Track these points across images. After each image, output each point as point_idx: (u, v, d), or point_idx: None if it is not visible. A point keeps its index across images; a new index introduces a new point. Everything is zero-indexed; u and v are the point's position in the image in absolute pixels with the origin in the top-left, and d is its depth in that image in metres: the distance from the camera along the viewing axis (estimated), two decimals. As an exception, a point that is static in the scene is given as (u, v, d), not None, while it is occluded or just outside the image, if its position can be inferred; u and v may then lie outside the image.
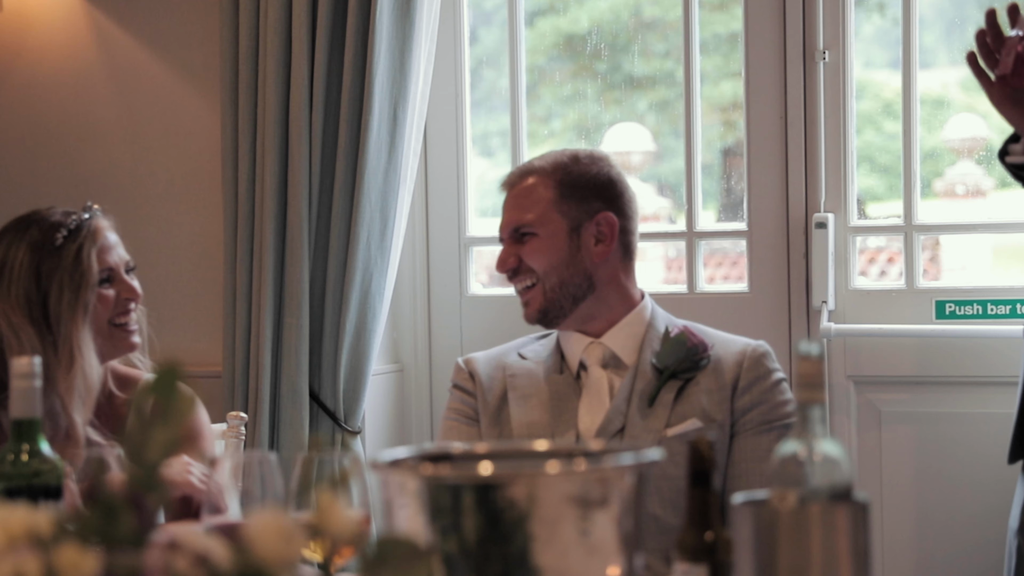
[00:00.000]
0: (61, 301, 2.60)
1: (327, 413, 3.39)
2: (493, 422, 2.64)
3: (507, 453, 1.65)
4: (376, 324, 3.39)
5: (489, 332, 3.52)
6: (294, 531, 1.22)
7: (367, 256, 3.36)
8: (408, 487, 1.48)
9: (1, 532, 1.18)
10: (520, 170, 2.71)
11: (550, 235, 2.63)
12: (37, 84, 3.79)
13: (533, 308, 2.65)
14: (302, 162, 3.35)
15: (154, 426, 1.29)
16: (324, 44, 3.35)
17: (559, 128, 3.78)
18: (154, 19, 3.68)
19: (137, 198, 3.71)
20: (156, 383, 1.29)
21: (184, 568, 1.21)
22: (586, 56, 3.72)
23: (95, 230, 2.68)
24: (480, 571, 1.45)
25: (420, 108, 3.42)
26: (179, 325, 3.67)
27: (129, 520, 1.23)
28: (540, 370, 2.65)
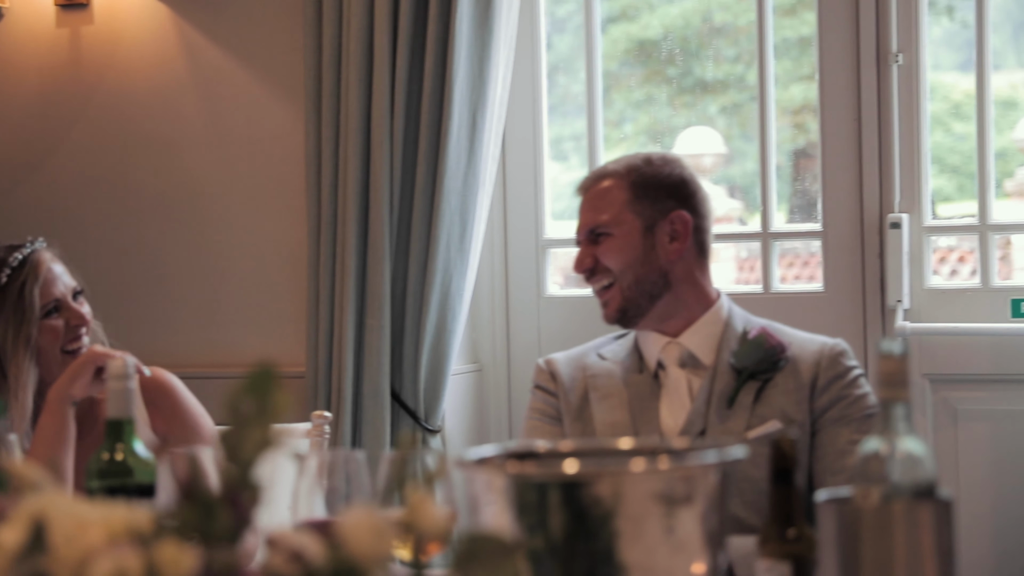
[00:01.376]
0: (6, 338, 2.66)
1: (408, 412, 3.43)
2: (575, 422, 2.66)
3: (591, 451, 1.67)
4: (456, 325, 3.42)
5: (566, 332, 3.54)
6: (386, 528, 1.24)
7: (447, 258, 3.39)
8: (495, 485, 1.49)
9: (102, 529, 1.20)
10: (594, 174, 2.73)
11: (625, 234, 2.64)
12: (126, 94, 3.85)
13: (612, 308, 2.66)
14: (383, 167, 3.39)
15: (249, 425, 1.32)
16: (405, 52, 3.38)
17: (631, 132, 3.80)
18: (240, 29, 3.74)
19: (223, 204, 3.77)
20: (250, 383, 1.31)
21: (279, 564, 1.23)
22: (658, 61, 3.73)
23: (36, 264, 2.72)
24: (566, 568, 1.47)
25: (499, 113, 3.45)
26: (263, 327, 3.72)
27: (226, 517, 1.26)
28: (619, 370, 2.66)
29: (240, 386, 1.28)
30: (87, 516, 1.21)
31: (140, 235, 3.86)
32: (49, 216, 3.93)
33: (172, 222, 3.82)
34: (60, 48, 3.89)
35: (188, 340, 3.80)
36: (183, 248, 3.81)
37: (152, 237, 3.85)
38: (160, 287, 3.84)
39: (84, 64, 3.87)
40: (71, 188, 3.92)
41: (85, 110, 3.89)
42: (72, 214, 3.91)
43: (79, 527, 1.20)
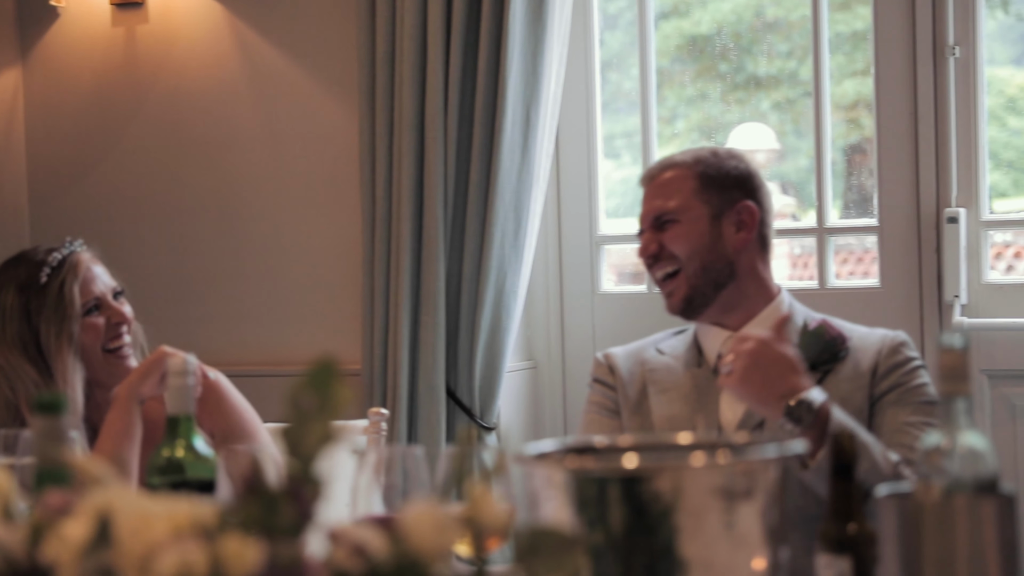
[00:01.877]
0: (50, 336, 2.68)
1: (463, 409, 3.43)
2: (634, 415, 2.66)
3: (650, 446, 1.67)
4: (510, 322, 3.43)
5: (620, 329, 3.54)
6: (448, 523, 1.25)
7: (501, 255, 3.40)
8: (554, 480, 1.49)
9: (166, 524, 1.21)
10: (660, 164, 2.73)
11: (692, 220, 2.65)
12: (181, 92, 3.88)
13: (678, 297, 2.65)
14: (437, 164, 3.40)
15: (311, 420, 1.32)
16: (458, 49, 3.39)
17: (683, 128, 3.79)
18: (294, 27, 3.75)
19: (277, 202, 3.79)
20: (312, 378, 1.32)
21: (342, 559, 1.24)
22: (710, 57, 3.72)
23: (75, 264, 2.73)
24: (626, 563, 1.46)
25: (552, 110, 3.45)
26: (319, 324, 3.74)
27: (289, 511, 1.26)
28: (678, 364, 2.67)
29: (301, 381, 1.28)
30: (151, 510, 1.22)
31: (195, 234, 3.88)
32: (105, 215, 3.96)
33: (227, 221, 3.84)
34: (115, 47, 3.92)
35: (243, 337, 3.82)
36: (238, 247, 3.84)
37: (207, 236, 3.87)
38: (215, 285, 3.86)
39: (139, 63, 3.90)
40: (126, 187, 3.95)
41: (140, 109, 3.92)
42: (127, 213, 3.94)
43: (143, 521, 1.21)
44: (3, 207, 4.00)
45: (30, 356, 2.67)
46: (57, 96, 4.00)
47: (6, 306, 2.69)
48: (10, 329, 2.68)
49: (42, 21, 3.99)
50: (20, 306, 2.68)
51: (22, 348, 2.67)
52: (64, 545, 1.19)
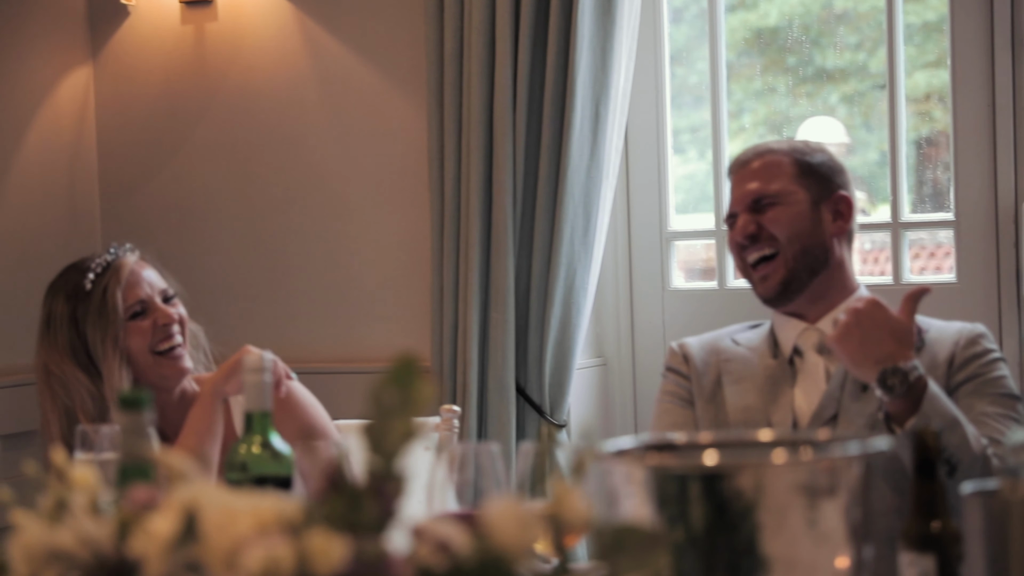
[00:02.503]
0: (96, 342, 2.69)
1: (533, 407, 3.43)
2: (708, 405, 2.65)
3: (730, 442, 1.66)
4: (580, 319, 3.42)
5: (690, 325, 3.52)
6: (531, 519, 1.24)
7: (571, 252, 3.39)
8: (634, 477, 1.49)
9: (251, 519, 1.22)
10: (754, 150, 2.73)
11: (793, 203, 2.64)
12: (250, 90, 3.90)
13: (774, 281, 2.64)
14: (506, 160, 3.39)
15: (392, 416, 1.32)
16: (527, 44, 3.38)
17: (750, 123, 3.76)
18: (361, 24, 3.76)
19: (346, 199, 3.80)
20: (394, 375, 1.32)
21: (426, 555, 1.24)
22: (777, 50, 3.69)
23: (118, 268, 2.74)
24: (708, 560, 1.46)
25: (621, 105, 3.44)
26: (388, 322, 3.74)
27: (372, 507, 1.27)
28: (754, 355, 2.66)
29: (383, 378, 1.28)
30: (237, 506, 1.22)
31: (265, 231, 3.90)
32: (175, 213, 3.99)
33: (296, 218, 3.86)
34: (185, 46, 3.94)
35: (313, 335, 3.83)
36: (308, 244, 3.85)
37: (277, 233, 3.89)
38: (285, 283, 3.88)
39: (208, 61, 3.92)
40: (196, 185, 3.97)
41: (210, 107, 3.94)
42: (197, 211, 3.97)
43: (229, 517, 1.21)
44: (75, 205, 4.04)
45: (81, 363, 2.69)
46: (127, 95, 4.03)
47: (56, 314, 2.72)
48: (61, 337, 2.71)
49: (113, 20, 4.02)
50: (68, 314, 2.71)
51: (72, 355, 2.70)
52: (151, 540, 1.19)
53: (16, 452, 3.76)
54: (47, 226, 3.96)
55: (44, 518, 1.24)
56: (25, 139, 3.91)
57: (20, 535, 1.21)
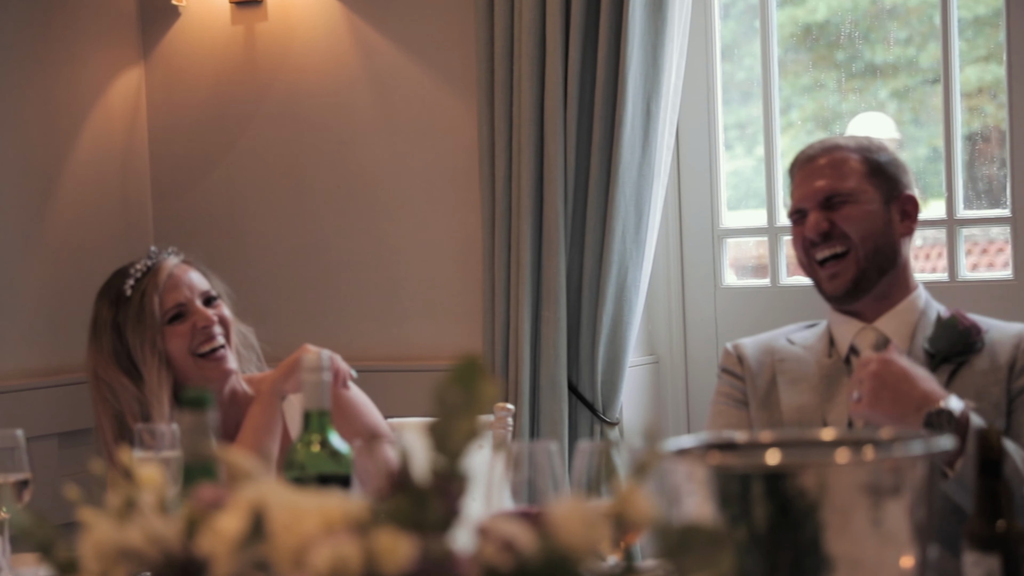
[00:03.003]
0: (136, 347, 2.71)
1: (585, 405, 3.43)
2: (762, 406, 2.64)
3: (792, 441, 1.65)
4: (632, 316, 3.41)
5: (743, 323, 3.51)
6: (597, 518, 1.24)
7: (623, 249, 3.38)
8: (696, 476, 1.48)
9: (318, 518, 1.22)
10: (823, 144, 2.69)
11: (867, 202, 2.62)
12: (300, 89, 3.91)
13: (844, 279, 2.61)
14: (557, 158, 3.39)
15: (457, 416, 1.32)
16: (578, 42, 3.38)
17: (798, 119, 3.75)
18: (411, 23, 3.77)
19: (397, 198, 3.80)
20: (457, 374, 1.32)
21: (491, 553, 1.24)
22: (825, 46, 3.68)
23: (156, 272, 2.75)
24: (771, 559, 1.45)
25: (673, 102, 3.43)
26: (439, 320, 3.75)
27: (438, 506, 1.27)
28: (809, 355, 2.64)
29: (447, 377, 1.28)
30: (303, 505, 1.23)
31: (315, 230, 3.91)
32: (226, 212, 4.01)
33: (347, 217, 3.87)
34: (235, 46, 3.96)
35: (364, 335, 3.84)
36: (358, 243, 3.86)
37: (327, 232, 3.90)
38: (336, 283, 3.89)
39: (259, 61, 3.94)
40: (247, 184, 3.99)
41: (260, 106, 3.96)
42: (248, 210, 3.98)
43: (296, 515, 1.22)
44: (127, 205, 4.06)
45: (124, 368, 2.71)
46: (178, 95, 4.05)
47: (101, 320, 2.75)
48: (105, 343, 2.73)
49: (163, 21, 4.04)
50: (111, 319, 2.73)
51: (116, 361, 2.71)
52: (219, 539, 1.20)
53: (72, 450, 3.80)
54: (100, 226, 3.99)
55: (112, 516, 1.25)
56: (78, 141, 3.94)
57: (90, 533, 1.22)
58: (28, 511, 1.29)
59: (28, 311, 3.82)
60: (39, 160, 3.86)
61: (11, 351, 3.77)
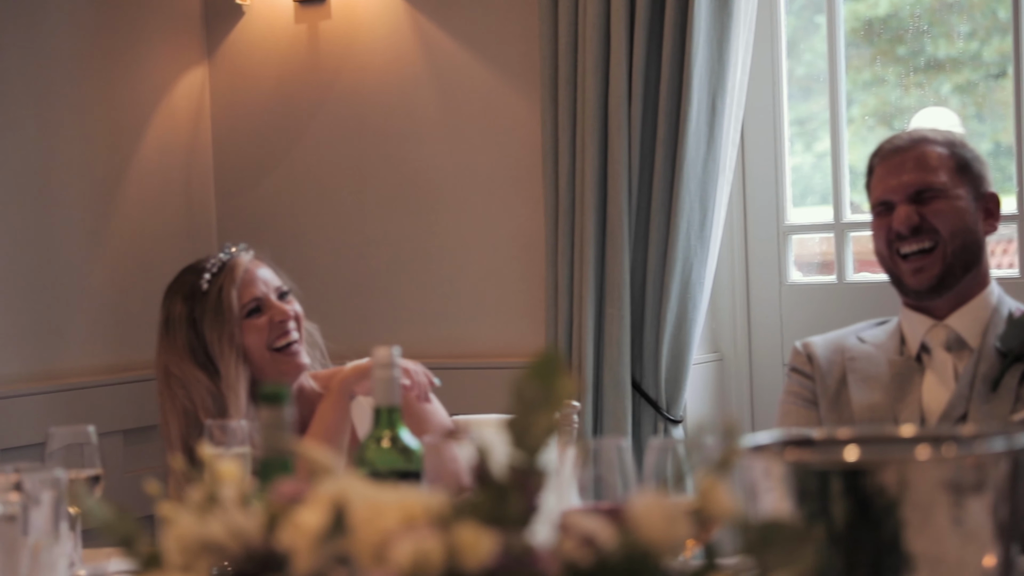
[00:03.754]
0: (214, 341, 2.71)
1: (649, 402, 3.42)
2: (832, 405, 2.62)
3: (870, 438, 1.63)
4: (696, 313, 3.40)
5: (808, 320, 3.49)
6: (679, 514, 1.23)
7: (687, 246, 3.37)
8: (773, 472, 1.47)
9: (399, 512, 1.22)
10: (911, 136, 2.66)
11: (957, 198, 2.59)
12: (363, 87, 3.92)
13: (930, 274, 2.58)
14: (621, 155, 3.38)
15: (535, 411, 1.32)
16: (642, 38, 3.37)
17: (858, 114, 3.72)
18: (474, 20, 3.77)
19: (460, 194, 3.81)
20: (536, 369, 1.32)
21: (571, 549, 1.23)
22: (886, 40, 3.65)
23: (233, 267, 2.75)
24: (850, 557, 1.44)
25: (738, 98, 3.41)
26: (502, 317, 3.75)
27: (517, 501, 1.27)
28: (880, 353, 2.62)
29: (526, 373, 1.28)
30: (383, 499, 1.23)
31: (378, 228, 3.92)
32: (289, 210, 4.02)
33: (410, 214, 3.87)
34: (299, 44, 3.98)
35: (427, 331, 3.85)
36: (421, 240, 3.86)
37: (390, 229, 3.91)
38: (398, 279, 3.90)
39: (322, 59, 3.95)
40: (310, 182, 4.00)
41: (323, 104, 3.97)
42: (311, 208, 4.00)
43: (376, 510, 1.22)
44: (191, 203, 4.09)
45: (199, 362, 2.71)
46: (242, 94, 4.07)
47: (174, 316, 2.74)
48: (179, 338, 2.73)
49: (228, 20, 4.06)
50: (186, 315, 2.73)
51: (191, 355, 2.72)
52: (300, 533, 1.20)
53: (136, 447, 3.82)
54: (164, 224, 4.01)
55: (194, 510, 1.26)
56: (142, 140, 3.97)
57: (173, 527, 1.23)
58: (110, 505, 1.29)
59: (94, 309, 3.85)
60: (105, 159, 3.89)
61: (77, 348, 3.80)
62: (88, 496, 1.35)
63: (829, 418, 2.61)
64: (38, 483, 1.69)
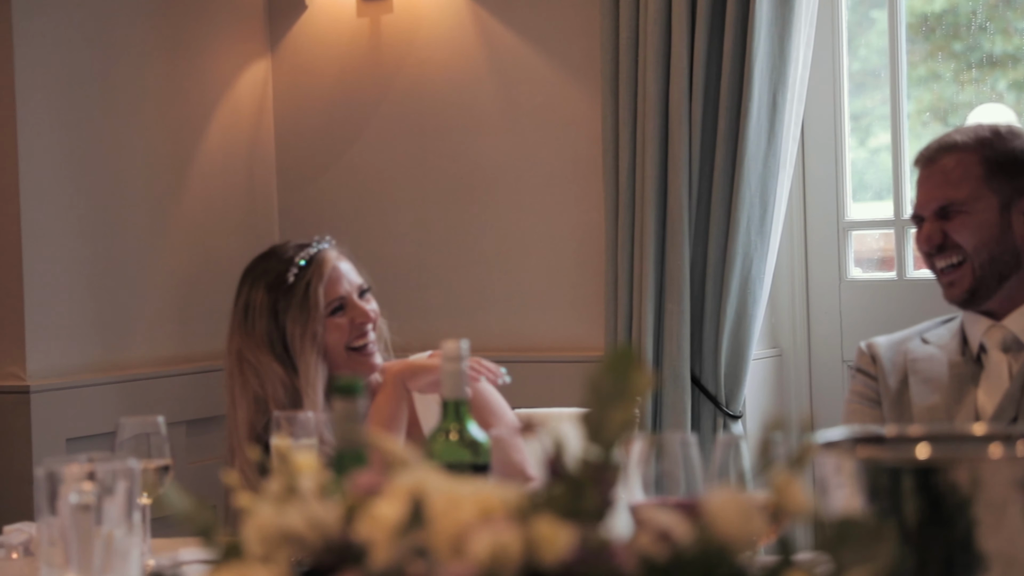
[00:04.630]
0: (295, 335, 2.69)
1: (708, 397, 3.41)
2: (894, 406, 2.60)
3: (942, 436, 1.63)
4: (756, 309, 3.39)
5: (868, 317, 3.47)
6: (755, 510, 1.24)
7: (747, 241, 3.36)
8: (845, 468, 1.47)
9: (476, 505, 1.23)
10: (940, 145, 2.60)
11: (981, 211, 2.54)
12: (425, 81, 3.93)
13: (960, 289, 2.56)
14: (682, 150, 3.38)
15: (610, 406, 1.33)
16: (703, 32, 3.36)
17: (913, 110, 3.70)
18: (535, 14, 3.77)
19: (519, 189, 3.81)
20: (611, 364, 1.33)
21: (647, 543, 1.24)
22: (942, 36, 3.63)
23: (321, 263, 2.74)
24: (922, 555, 1.43)
25: (799, 93, 3.40)
26: (560, 311, 3.75)
27: (594, 496, 1.27)
28: (942, 354, 2.60)
29: (601, 367, 1.29)
30: (460, 492, 1.23)
31: (438, 222, 3.93)
32: (350, 204, 4.04)
33: (470, 208, 3.88)
34: (361, 38, 3.99)
35: (485, 325, 3.86)
36: (481, 234, 3.87)
37: (450, 224, 3.92)
38: (458, 272, 3.91)
39: (384, 52, 3.97)
40: (372, 176, 4.02)
41: (385, 98, 3.99)
42: (373, 202, 4.01)
43: (453, 503, 1.22)
44: (254, 196, 4.11)
45: (276, 354, 2.71)
46: (304, 87, 4.09)
47: (255, 304, 2.73)
48: (259, 327, 2.72)
49: (290, 14, 4.09)
50: (268, 305, 2.72)
51: (269, 346, 2.71)
52: (378, 525, 1.21)
53: (199, 438, 3.85)
54: (227, 217, 4.04)
55: (273, 501, 1.27)
56: (206, 133, 4.00)
57: (253, 518, 1.24)
58: (189, 496, 1.31)
59: (157, 300, 3.88)
60: (168, 152, 3.92)
61: (141, 340, 3.83)
62: (168, 486, 1.36)
63: (891, 418, 2.59)
64: (112, 473, 1.70)
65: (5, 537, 2.25)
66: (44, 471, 1.68)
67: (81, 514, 1.69)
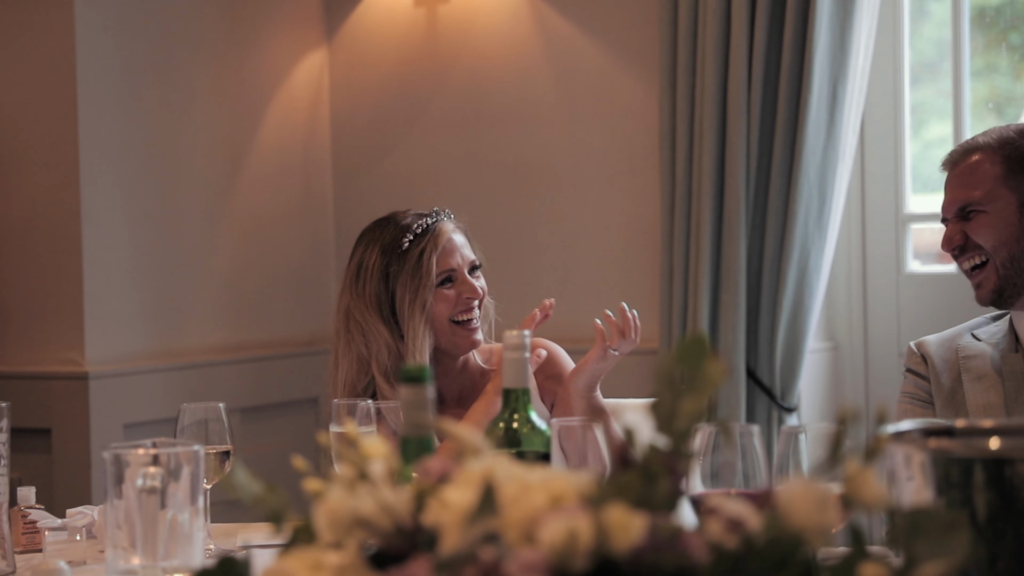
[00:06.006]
0: (404, 301, 2.72)
1: (763, 390, 3.40)
2: (947, 404, 2.58)
3: (1011, 428, 1.62)
4: (813, 302, 3.38)
5: (926, 311, 3.45)
6: (828, 500, 1.23)
7: (805, 233, 3.35)
8: (914, 460, 1.46)
9: (547, 493, 1.22)
10: (963, 147, 2.62)
11: (999, 211, 2.54)
12: (481, 71, 3.93)
13: (987, 289, 2.56)
14: (739, 141, 3.37)
15: (683, 395, 1.32)
16: (763, 23, 3.35)
17: (968, 103, 3.67)
18: (593, 4, 3.77)
19: (575, 179, 3.81)
20: (684, 353, 1.32)
21: (718, 532, 1.23)
22: (998, 29, 3.60)
23: (437, 234, 2.76)
24: (993, 547, 1.42)
25: (860, 85, 3.38)
26: (616, 302, 3.74)
27: (666, 484, 1.27)
28: (995, 351, 2.58)
29: (672, 356, 1.28)
30: (529, 479, 1.23)
31: (494, 211, 3.94)
32: (406, 192, 4.05)
33: (526, 199, 3.88)
34: (417, 28, 4.00)
35: (539, 315, 3.85)
36: (537, 225, 3.87)
37: (506, 213, 3.92)
38: (513, 262, 3.91)
39: (440, 42, 3.97)
40: (427, 165, 4.03)
41: (441, 88, 3.99)
42: (428, 191, 4.02)
43: (523, 490, 1.22)
44: (310, 184, 4.13)
45: (384, 316, 2.74)
46: (361, 77, 4.10)
47: (369, 265, 2.76)
48: (369, 287, 2.75)
49: (347, 3, 4.09)
50: (381, 267, 2.75)
51: (378, 307, 2.74)
52: (449, 511, 1.21)
53: (253, 425, 3.87)
54: (283, 206, 4.06)
55: (344, 486, 1.27)
56: (263, 122, 4.01)
57: (325, 502, 1.24)
58: (260, 480, 1.31)
59: (213, 289, 3.90)
60: (226, 141, 3.94)
61: (197, 327, 3.85)
62: (233, 471, 1.36)
63: (944, 417, 2.57)
64: (177, 457, 1.71)
65: (68, 520, 2.27)
66: (111, 455, 1.69)
67: (147, 498, 1.71)
